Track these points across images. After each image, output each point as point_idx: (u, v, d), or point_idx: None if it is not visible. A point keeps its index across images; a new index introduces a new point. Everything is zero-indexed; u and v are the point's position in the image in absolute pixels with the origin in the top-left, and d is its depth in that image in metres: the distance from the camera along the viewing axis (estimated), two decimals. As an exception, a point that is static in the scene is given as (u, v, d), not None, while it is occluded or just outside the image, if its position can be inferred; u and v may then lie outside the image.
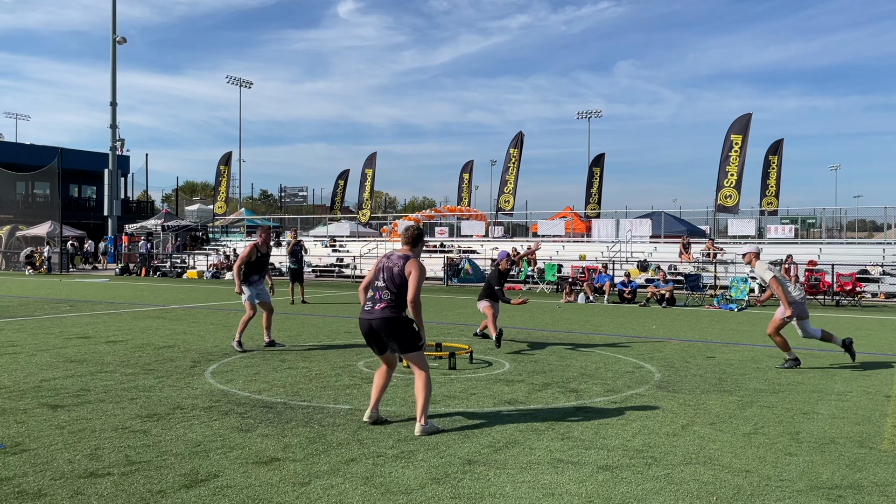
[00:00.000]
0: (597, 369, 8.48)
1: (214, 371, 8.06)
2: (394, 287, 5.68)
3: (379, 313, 5.67)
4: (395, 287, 5.68)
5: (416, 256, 5.85)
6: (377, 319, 5.66)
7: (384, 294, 5.69)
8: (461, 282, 26.86)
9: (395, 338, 5.68)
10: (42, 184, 52.30)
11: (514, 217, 39.81)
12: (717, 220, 29.58)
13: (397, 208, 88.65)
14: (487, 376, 7.95)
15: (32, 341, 10.33)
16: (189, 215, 49.84)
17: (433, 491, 4.24)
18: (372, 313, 5.69)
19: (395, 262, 5.76)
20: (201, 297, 19.96)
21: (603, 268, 21.37)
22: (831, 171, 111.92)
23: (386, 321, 5.65)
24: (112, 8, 40.94)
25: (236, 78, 67.71)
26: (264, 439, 5.28)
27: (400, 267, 5.70)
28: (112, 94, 41.67)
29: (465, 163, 41.19)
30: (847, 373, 8.44)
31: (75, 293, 20.68)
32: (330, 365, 8.56)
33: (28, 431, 5.43)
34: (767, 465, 4.85)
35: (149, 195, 65.44)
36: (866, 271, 22.12)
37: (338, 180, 42.27)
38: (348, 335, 11.42)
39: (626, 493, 4.25)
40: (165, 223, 40.34)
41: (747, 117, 28.16)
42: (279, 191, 73.10)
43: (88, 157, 56.50)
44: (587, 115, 73.95)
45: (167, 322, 13.12)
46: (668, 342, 11.01)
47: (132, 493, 4.12)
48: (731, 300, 18.24)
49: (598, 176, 35.74)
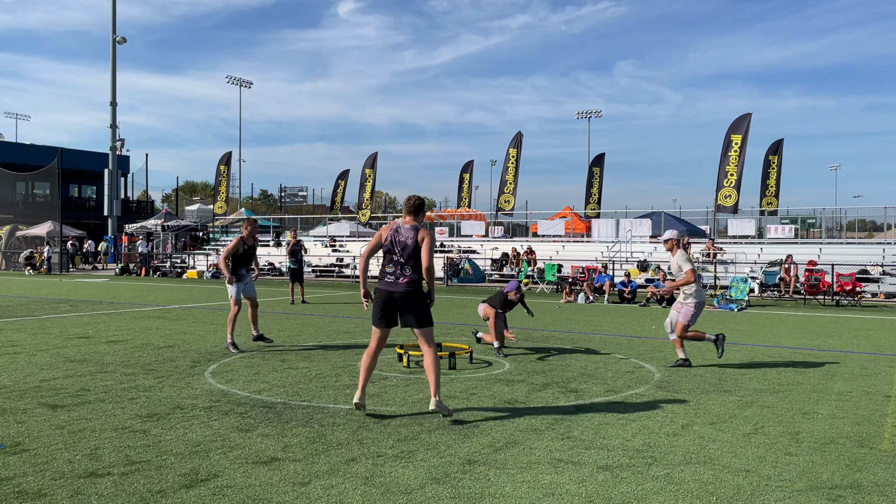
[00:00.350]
0: (597, 369, 8.47)
1: (214, 371, 8.06)
2: (413, 260, 5.91)
3: (403, 287, 5.90)
4: (414, 260, 5.91)
5: (422, 225, 6.07)
6: (401, 293, 5.90)
7: (406, 269, 5.92)
8: (461, 282, 26.86)
9: (416, 311, 5.95)
10: (42, 184, 52.29)
11: (514, 217, 39.80)
12: (716, 220, 29.59)
13: (397, 208, 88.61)
14: (487, 376, 7.95)
15: (32, 341, 10.33)
16: (189, 215, 49.85)
17: (433, 491, 4.24)
18: (396, 286, 5.92)
19: (406, 234, 5.95)
20: (201, 297, 19.96)
21: (603, 268, 21.37)
22: (831, 171, 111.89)
23: (410, 295, 5.91)
24: (112, 8, 40.96)
25: (236, 78, 67.75)
26: (264, 439, 5.28)
27: (413, 239, 5.92)
28: (112, 94, 41.69)
29: (465, 163, 40.99)
30: (847, 373, 8.44)
31: (75, 293, 20.68)
32: (330, 365, 8.56)
33: (28, 431, 5.43)
34: (767, 465, 4.85)
35: (149, 195, 65.47)
36: (866, 271, 22.13)
37: (338, 180, 42.25)
38: (348, 335, 11.42)
39: (626, 493, 4.25)
40: (165, 223, 40.34)
41: (747, 117, 28.16)
42: (279, 191, 73.05)
43: (88, 157, 56.51)
44: (587, 115, 73.97)
45: (167, 322, 13.12)
46: (669, 342, 11.01)
47: (132, 493, 4.12)
48: (731, 300, 18.24)
49: (598, 176, 35.73)
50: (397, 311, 5.99)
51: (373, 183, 38.56)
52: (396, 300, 5.92)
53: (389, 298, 5.94)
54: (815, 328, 13.37)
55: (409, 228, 5.99)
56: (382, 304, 5.98)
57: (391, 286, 5.94)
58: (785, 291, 21.33)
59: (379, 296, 6.00)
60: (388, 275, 5.98)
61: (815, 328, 13.37)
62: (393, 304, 5.95)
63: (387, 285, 5.96)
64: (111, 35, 41.05)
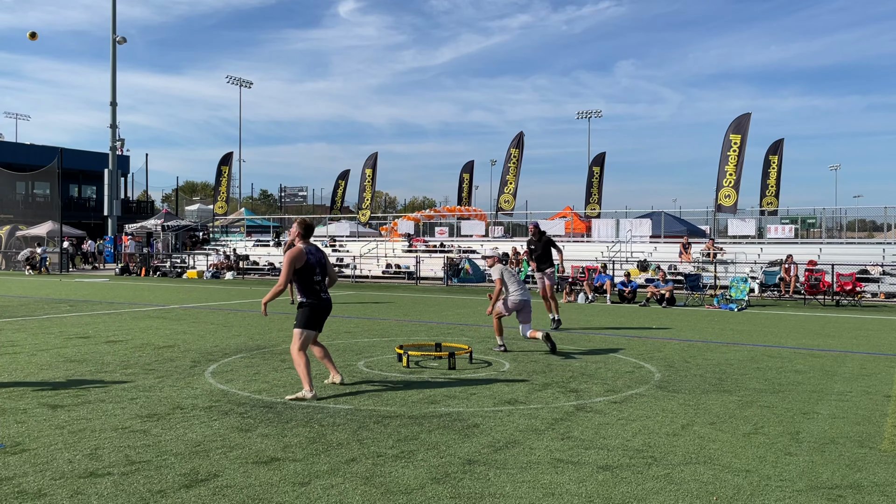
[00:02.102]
0: (597, 369, 8.47)
1: (214, 371, 8.06)
2: (326, 277, 7.11)
3: (329, 300, 7.12)
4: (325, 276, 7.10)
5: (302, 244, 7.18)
6: (330, 304, 7.13)
7: (324, 284, 7.07)
8: (461, 282, 26.86)
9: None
10: (42, 184, 52.29)
11: (514, 217, 39.79)
12: (716, 219, 29.58)
13: (397, 208, 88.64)
14: (487, 376, 7.95)
15: (32, 341, 10.33)
16: (189, 215, 49.82)
17: (433, 491, 4.24)
18: (328, 300, 7.08)
19: (320, 255, 7.08)
20: (201, 297, 19.96)
21: (603, 268, 21.37)
22: (831, 171, 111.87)
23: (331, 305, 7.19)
24: (112, 8, 40.95)
25: (236, 78, 67.80)
26: (264, 439, 5.28)
27: (325, 259, 7.13)
28: (112, 94, 41.68)
29: (465, 163, 41.02)
30: (847, 373, 8.44)
31: (75, 293, 20.68)
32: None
33: (28, 431, 5.43)
34: (767, 465, 4.85)
35: (149, 195, 65.44)
36: (866, 271, 22.12)
37: (338, 180, 42.24)
38: (348, 335, 11.42)
39: (626, 493, 4.25)
40: (165, 223, 40.32)
41: (746, 117, 28.16)
42: (279, 191, 73.01)
43: (88, 157, 56.51)
44: (587, 115, 74.01)
45: (167, 322, 13.12)
46: (669, 342, 11.02)
47: (132, 493, 4.12)
48: (731, 300, 18.24)
49: (599, 175, 35.72)
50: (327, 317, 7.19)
51: (373, 183, 38.56)
52: (329, 310, 7.12)
53: (328, 309, 7.12)
54: (815, 328, 13.37)
55: (318, 249, 7.13)
56: (324, 315, 7.09)
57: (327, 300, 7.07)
58: (785, 291, 21.33)
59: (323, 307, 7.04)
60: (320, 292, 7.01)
61: (815, 328, 13.37)
62: (328, 313, 7.13)
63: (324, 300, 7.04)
64: (111, 35, 41.05)
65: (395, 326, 12.85)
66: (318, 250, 7.17)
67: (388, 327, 12.71)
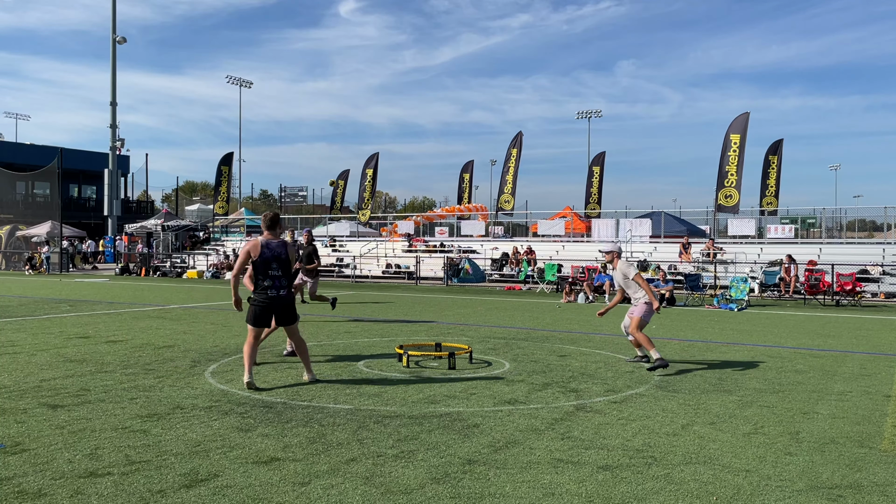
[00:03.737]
0: (597, 369, 8.47)
1: (214, 371, 8.06)
2: (287, 272, 7.11)
3: (286, 296, 7.12)
4: (288, 272, 7.11)
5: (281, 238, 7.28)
6: (286, 300, 7.12)
7: (284, 281, 7.07)
8: (461, 282, 26.85)
9: (292, 313, 7.26)
10: (42, 184, 52.28)
11: (514, 217, 39.80)
12: (717, 219, 29.58)
13: (397, 208, 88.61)
14: (487, 376, 7.95)
15: (32, 341, 10.33)
16: (189, 215, 49.83)
17: (433, 491, 4.24)
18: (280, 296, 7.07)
19: (279, 250, 7.02)
20: (201, 297, 19.96)
21: (602, 268, 21.37)
22: (831, 171, 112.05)
23: (291, 301, 7.22)
24: (112, 7, 40.97)
25: (236, 78, 67.75)
26: (264, 439, 5.28)
27: (286, 254, 7.06)
28: (112, 93, 41.70)
29: (465, 163, 41.14)
30: (847, 373, 8.44)
31: (75, 293, 20.69)
32: (330, 365, 8.56)
33: (28, 431, 5.43)
34: (767, 465, 4.85)
35: (149, 195, 65.46)
36: (866, 271, 22.13)
37: (338, 180, 42.26)
38: (348, 335, 11.42)
39: (626, 493, 4.25)
40: (165, 223, 40.33)
41: (745, 116, 28.15)
42: (279, 191, 72.96)
43: (88, 157, 56.52)
44: (587, 115, 73.97)
45: (167, 322, 13.12)
46: (669, 342, 11.02)
47: (132, 493, 4.12)
48: (731, 300, 18.24)
49: (599, 175, 35.71)
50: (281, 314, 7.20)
51: (373, 183, 38.56)
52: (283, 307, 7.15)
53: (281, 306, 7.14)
54: (815, 328, 13.37)
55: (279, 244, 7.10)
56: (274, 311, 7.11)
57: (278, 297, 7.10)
58: (785, 291, 21.33)
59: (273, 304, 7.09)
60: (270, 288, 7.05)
61: (815, 328, 13.37)
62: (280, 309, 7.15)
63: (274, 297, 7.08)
64: (111, 35, 41.07)
65: (395, 326, 12.85)
66: (282, 244, 7.04)
67: (388, 327, 12.71)
